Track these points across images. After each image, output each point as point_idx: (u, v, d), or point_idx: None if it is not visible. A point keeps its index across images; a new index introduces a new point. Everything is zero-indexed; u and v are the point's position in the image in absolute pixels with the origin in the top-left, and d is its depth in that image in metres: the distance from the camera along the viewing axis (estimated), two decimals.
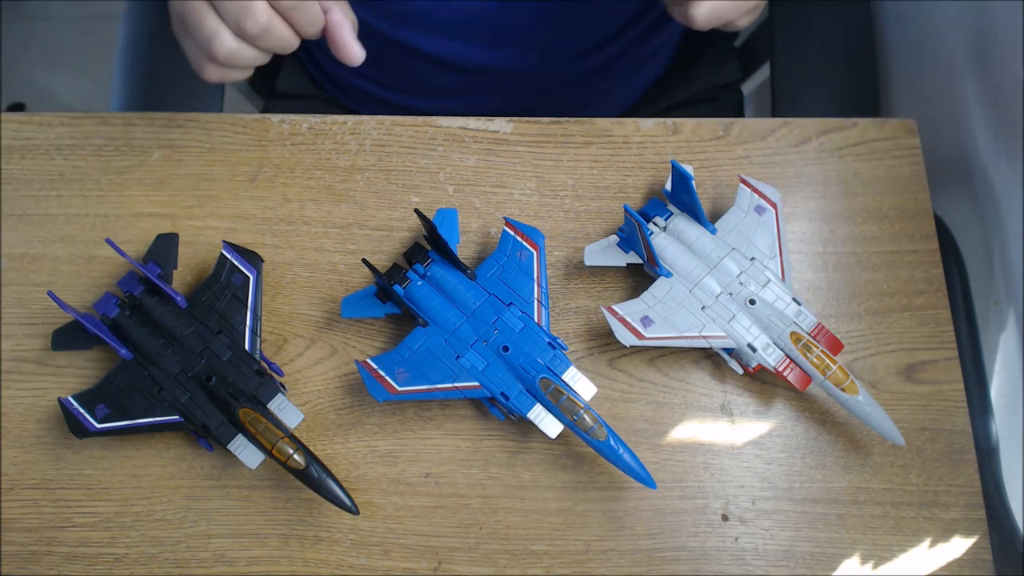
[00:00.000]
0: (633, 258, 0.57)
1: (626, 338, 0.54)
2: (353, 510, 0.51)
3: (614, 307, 0.55)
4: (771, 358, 0.54)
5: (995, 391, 0.62)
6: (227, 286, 0.57)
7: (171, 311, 0.55)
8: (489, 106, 0.75)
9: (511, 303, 0.55)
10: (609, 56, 0.74)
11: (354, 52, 0.52)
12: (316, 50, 0.80)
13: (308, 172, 0.63)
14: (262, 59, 0.50)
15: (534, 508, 0.55)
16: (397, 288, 0.56)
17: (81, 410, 0.53)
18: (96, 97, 1.43)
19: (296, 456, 0.51)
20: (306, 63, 0.85)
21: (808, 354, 0.54)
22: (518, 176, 0.63)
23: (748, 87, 0.94)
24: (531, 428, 0.54)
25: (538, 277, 0.56)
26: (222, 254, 0.57)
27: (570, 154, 0.63)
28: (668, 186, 0.59)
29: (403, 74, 0.76)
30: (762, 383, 0.57)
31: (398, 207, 0.62)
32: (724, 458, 0.56)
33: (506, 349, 0.54)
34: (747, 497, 0.55)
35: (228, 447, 0.53)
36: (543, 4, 0.66)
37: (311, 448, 0.54)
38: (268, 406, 0.53)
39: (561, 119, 0.64)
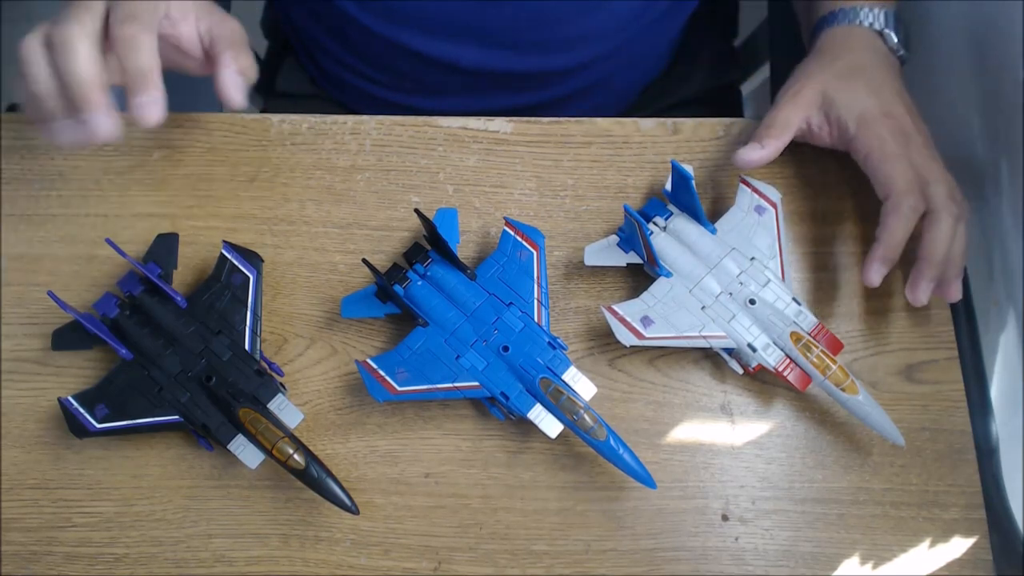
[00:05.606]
0: (633, 258, 0.57)
1: (626, 338, 0.54)
2: (353, 510, 0.51)
3: (614, 307, 0.55)
4: (771, 358, 0.54)
5: (995, 391, 0.62)
6: (227, 286, 0.56)
7: (171, 311, 0.55)
8: (489, 106, 0.75)
9: (511, 303, 0.55)
10: (608, 56, 0.73)
11: (232, 98, 0.55)
12: (316, 50, 0.80)
13: (308, 172, 0.63)
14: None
15: (534, 508, 0.55)
16: (397, 288, 0.56)
17: (81, 410, 0.53)
18: None
19: (296, 456, 0.51)
20: (306, 63, 0.85)
21: (808, 354, 0.54)
22: (518, 176, 0.63)
23: (748, 87, 0.94)
24: (531, 428, 0.54)
25: (538, 277, 0.56)
26: (222, 254, 0.57)
27: (570, 154, 0.63)
28: (668, 186, 0.59)
29: (402, 74, 0.76)
30: (762, 383, 0.57)
31: (398, 207, 0.62)
32: (724, 458, 0.56)
33: (506, 349, 0.54)
34: (747, 497, 0.55)
35: (228, 447, 0.53)
36: (541, 4, 0.66)
37: (311, 448, 0.54)
38: (268, 406, 0.53)
39: (561, 119, 0.64)
